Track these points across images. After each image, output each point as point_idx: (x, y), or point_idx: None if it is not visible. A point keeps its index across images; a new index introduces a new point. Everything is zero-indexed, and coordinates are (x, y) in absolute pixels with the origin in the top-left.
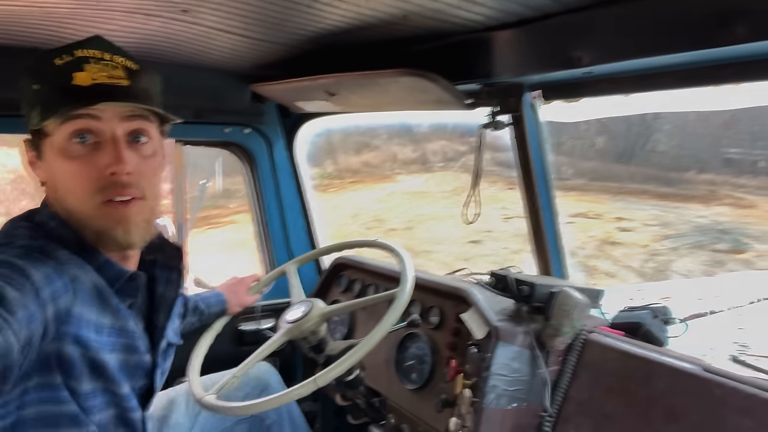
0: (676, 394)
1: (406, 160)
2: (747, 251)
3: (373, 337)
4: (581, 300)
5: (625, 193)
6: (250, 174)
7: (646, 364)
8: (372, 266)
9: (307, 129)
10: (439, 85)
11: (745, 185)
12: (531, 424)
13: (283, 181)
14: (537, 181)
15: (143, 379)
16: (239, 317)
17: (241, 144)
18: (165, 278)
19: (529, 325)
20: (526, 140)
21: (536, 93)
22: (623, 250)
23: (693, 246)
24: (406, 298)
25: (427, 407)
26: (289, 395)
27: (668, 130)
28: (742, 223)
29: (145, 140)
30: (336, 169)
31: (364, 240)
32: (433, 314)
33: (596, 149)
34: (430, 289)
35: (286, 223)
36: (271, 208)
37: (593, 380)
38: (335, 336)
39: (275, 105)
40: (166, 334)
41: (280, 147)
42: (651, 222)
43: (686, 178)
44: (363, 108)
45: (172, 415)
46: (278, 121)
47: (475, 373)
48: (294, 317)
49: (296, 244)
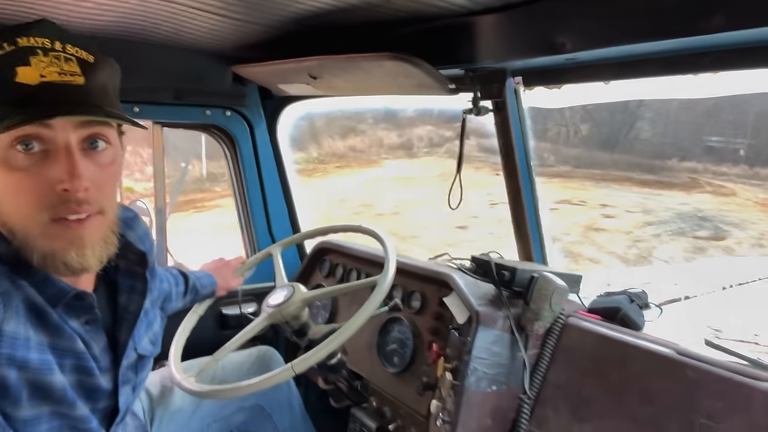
0: (651, 377)
1: (392, 145)
2: (727, 238)
3: (354, 322)
4: (560, 285)
5: (609, 180)
6: (231, 157)
7: (622, 348)
8: (355, 251)
9: (289, 112)
10: (423, 70)
11: (726, 173)
12: (510, 407)
13: (264, 164)
14: (519, 167)
15: (105, 400)
16: (222, 301)
17: (223, 127)
18: (128, 287)
19: (509, 310)
20: (509, 126)
21: (519, 79)
22: (607, 237)
23: (674, 233)
24: (388, 284)
25: (408, 390)
26: (266, 381)
27: (651, 118)
28: (722, 210)
29: (103, 146)
30: (322, 154)
31: (348, 224)
32: (415, 299)
33: (580, 136)
34: (412, 274)
35: (268, 207)
36: (252, 192)
37: (571, 363)
38: (317, 320)
39: (257, 87)
40: (136, 347)
41: (262, 130)
42: (634, 209)
43: (668, 166)
44: (346, 91)
45: (173, 400)
46: (260, 104)
47: (456, 357)
48: (276, 301)
49: (278, 229)
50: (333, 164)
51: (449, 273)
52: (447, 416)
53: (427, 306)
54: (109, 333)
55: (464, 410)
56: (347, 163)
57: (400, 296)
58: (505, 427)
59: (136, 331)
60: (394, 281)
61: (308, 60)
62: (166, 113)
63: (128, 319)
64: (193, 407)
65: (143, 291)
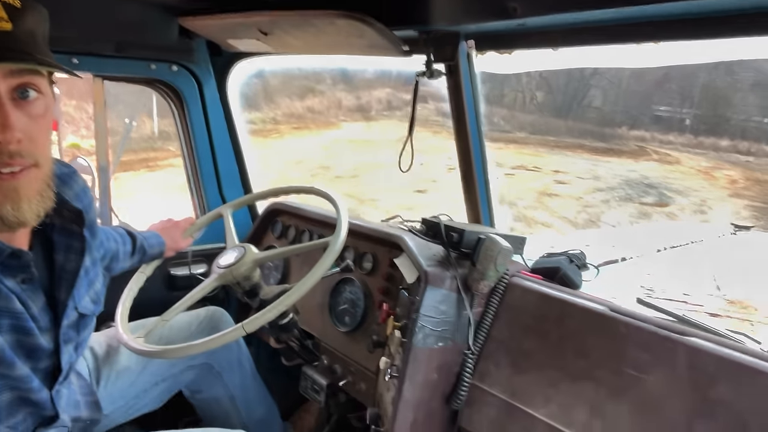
0: (586, 332)
1: (351, 107)
2: (670, 204)
3: (306, 282)
4: (505, 246)
5: (562, 147)
6: (179, 115)
7: (560, 305)
8: (307, 212)
9: (240, 69)
10: (375, 30)
11: (672, 142)
12: (455, 362)
13: (214, 123)
14: (470, 130)
15: (46, 360)
16: (170, 262)
17: (169, 82)
18: (65, 245)
19: (456, 270)
20: (461, 90)
21: (471, 43)
22: (559, 202)
23: (622, 199)
24: (339, 245)
25: (358, 348)
26: (217, 340)
27: (604, 87)
28: (667, 178)
29: (34, 96)
30: (279, 114)
31: (300, 186)
32: (366, 260)
33: (536, 103)
34: (364, 235)
35: (218, 167)
36: (202, 152)
37: (513, 320)
38: (269, 281)
39: (205, 42)
40: (76, 306)
41: (211, 87)
42: (584, 175)
43: (618, 134)
44: (298, 50)
45: (119, 360)
46: (209, 60)
47: (405, 316)
48: (227, 262)
49: (229, 189)
50: (290, 125)
51: (400, 235)
52: (395, 371)
53: (379, 267)
54: (48, 292)
55: (411, 366)
56: (305, 124)
57: (352, 257)
58: (449, 380)
59: (76, 291)
60: (347, 243)
61: (258, 14)
62: (108, 66)
63: (66, 278)
64: (140, 366)
65: (81, 250)
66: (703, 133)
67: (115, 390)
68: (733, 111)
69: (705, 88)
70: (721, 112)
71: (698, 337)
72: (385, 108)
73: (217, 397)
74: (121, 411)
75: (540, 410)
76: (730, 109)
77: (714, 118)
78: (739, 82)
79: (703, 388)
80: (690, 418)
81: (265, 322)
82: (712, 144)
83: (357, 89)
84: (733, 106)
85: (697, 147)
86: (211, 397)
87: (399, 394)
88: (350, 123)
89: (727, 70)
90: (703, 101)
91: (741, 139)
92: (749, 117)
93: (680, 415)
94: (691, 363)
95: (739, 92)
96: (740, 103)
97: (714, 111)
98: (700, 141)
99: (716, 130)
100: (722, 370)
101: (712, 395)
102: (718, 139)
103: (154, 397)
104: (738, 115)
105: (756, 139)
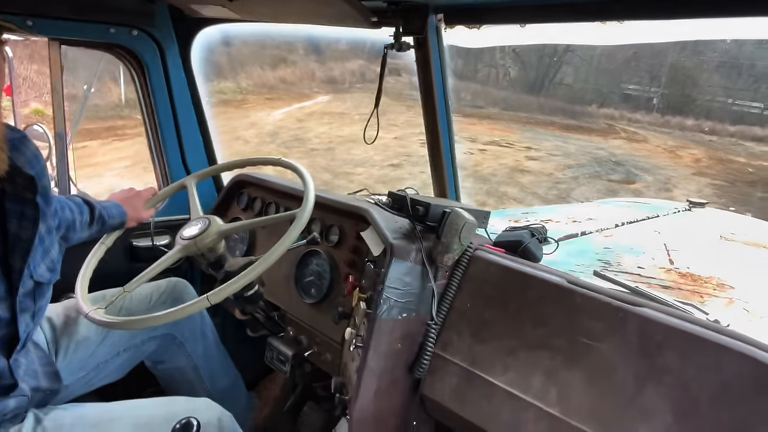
0: (544, 303)
1: (324, 78)
2: (636, 182)
3: (272, 254)
4: (470, 220)
5: (534, 124)
6: (140, 83)
7: (521, 278)
8: (274, 184)
9: (204, 36)
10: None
11: (640, 120)
12: (418, 332)
13: (177, 91)
14: (437, 104)
15: (3, 328)
16: (132, 233)
17: (129, 47)
18: (17, 213)
19: (421, 243)
20: (429, 63)
21: (441, 16)
22: (530, 178)
23: (591, 176)
24: (306, 217)
25: (324, 319)
26: (181, 311)
27: (576, 64)
28: (634, 156)
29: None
30: (251, 84)
31: (266, 158)
32: (333, 233)
33: (509, 79)
34: (331, 208)
35: (182, 137)
36: (165, 121)
37: (475, 292)
38: (235, 253)
39: (167, 6)
40: (32, 274)
41: (174, 54)
42: (555, 152)
43: (588, 112)
44: (265, 17)
45: (78, 330)
46: (171, 25)
47: (370, 287)
48: (191, 234)
49: (193, 160)
50: (263, 95)
51: (367, 208)
52: (360, 342)
53: (345, 239)
54: (2, 261)
55: (376, 336)
56: (279, 95)
57: (319, 230)
58: (413, 350)
59: (32, 259)
60: (313, 215)
61: None
62: (64, 29)
63: (21, 246)
64: (100, 337)
65: (35, 217)
66: (670, 112)
67: (74, 361)
68: (699, 91)
69: (673, 67)
70: (687, 91)
71: (649, 308)
72: (359, 80)
73: (180, 367)
74: (82, 382)
75: (499, 377)
76: (696, 89)
77: (681, 98)
78: (705, 62)
79: (652, 356)
80: (639, 383)
81: (231, 293)
82: (678, 123)
83: (330, 60)
84: (699, 86)
85: (664, 126)
86: (173, 368)
87: (363, 364)
88: (324, 95)
89: (693, 51)
90: (671, 81)
91: (705, 119)
92: (714, 97)
93: (630, 380)
94: (641, 331)
95: (705, 72)
96: (705, 84)
97: (681, 90)
98: (667, 120)
99: (682, 110)
100: (670, 339)
101: (659, 362)
102: (683, 118)
103: (115, 368)
104: (704, 96)
105: (720, 119)
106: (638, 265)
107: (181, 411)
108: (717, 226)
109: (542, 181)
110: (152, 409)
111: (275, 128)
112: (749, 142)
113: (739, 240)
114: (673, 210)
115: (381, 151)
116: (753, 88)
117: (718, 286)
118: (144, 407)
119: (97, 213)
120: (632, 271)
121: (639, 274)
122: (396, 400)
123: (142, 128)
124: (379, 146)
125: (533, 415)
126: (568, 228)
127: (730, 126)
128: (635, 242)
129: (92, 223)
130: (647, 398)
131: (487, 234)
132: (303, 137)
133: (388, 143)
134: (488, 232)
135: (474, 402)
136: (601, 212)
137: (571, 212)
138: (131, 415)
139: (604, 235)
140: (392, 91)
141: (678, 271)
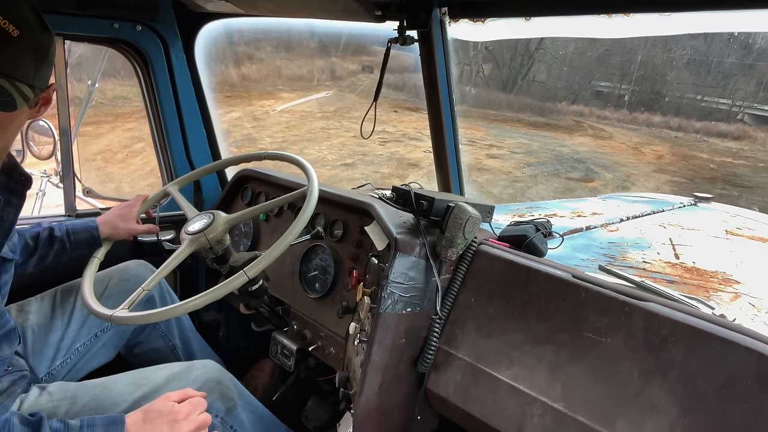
0: (548, 298)
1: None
2: (595, 180)
3: (276, 248)
4: (474, 214)
5: (500, 121)
6: (144, 78)
7: (525, 272)
8: (277, 178)
9: (208, 32)
10: None
11: (608, 117)
12: (423, 327)
13: (181, 86)
14: (442, 100)
15: None
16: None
17: (133, 42)
18: (4, 200)
19: (425, 238)
20: (434, 58)
21: (445, 10)
22: (488, 176)
23: (550, 174)
24: (310, 211)
25: (328, 314)
26: (219, 290)
27: (548, 61)
28: (597, 153)
29: None
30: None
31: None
32: (337, 227)
33: (482, 76)
34: (335, 202)
35: (186, 132)
36: (169, 116)
37: (479, 287)
38: (239, 248)
39: (171, 1)
40: None
41: (178, 49)
42: (517, 150)
43: (558, 109)
44: (270, 12)
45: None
46: (175, 20)
47: (374, 282)
48: (196, 228)
49: (196, 154)
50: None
51: (370, 202)
52: (364, 336)
53: (349, 234)
54: None
55: (380, 330)
56: (237, 93)
57: (323, 225)
58: (417, 344)
59: (9, 241)
60: (317, 210)
61: None
62: (69, 24)
63: (4, 227)
64: (77, 324)
65: (19, 206)
66: (638, 109)
67: (48, 349)
68: (668, 88)
69: (643, 64)
70: (657, 88)
71: (654, 302)
72: (327, 78)
73: (157, 348)
74: (68, 366)
75: (503, 372)
76: (666, 86)
77: (650, 95)
78: (674, 59)
79: (657, 350)
80: (644, 377)
81: (265, 266)
82: (645, 120)
83: (299, 57)
84: (668, 83)
85: (632, 122)
86: (151, 349)
87: (368, 358)
88: (288, 93)
89: (664, 48)
90: (642, 78)
91: (673, 115)
92: (683, 94)
93: (635, 375)
94: (647, 326)
95: (675, 69)
96: (675, 80)
97: (651, 87)
98: (635, 117)
99: (651, 106)
100: (676, 333)
101: (665, 357)
102: (651, 115)
103: (99, 349)
104: (673, 92)
105: (687, 115)
106: (643, 260)
107: (179, 370)
108: (722, 220)
109: (499, 179)
110: (151, 372)
111: (229, 126)
112: (714, 138)
113: (744, 234)
114: (679, 204)
115: (336, 150)
116: (722, 84)
117: (724, 281)
118: (144, 371)
119: (42, 237)
120: (637, 265)
121: (644, 269)
122: (400, 395)
123: (111, 124)
124: (335, 145)
125: (538, 410)
126: (573, 222)
127: (696, 122)
128: (640, 237)
129: (52, 241)
130: (653, 393)
131: (491, 228)
132: (255, 137)
133: (346, 142)
134: (493, 227)
135: (479, 396)
136: (606, 207)
137: (576, 207)
138: (133, 376)
139: (609, 229)
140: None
141: (683, 265)
